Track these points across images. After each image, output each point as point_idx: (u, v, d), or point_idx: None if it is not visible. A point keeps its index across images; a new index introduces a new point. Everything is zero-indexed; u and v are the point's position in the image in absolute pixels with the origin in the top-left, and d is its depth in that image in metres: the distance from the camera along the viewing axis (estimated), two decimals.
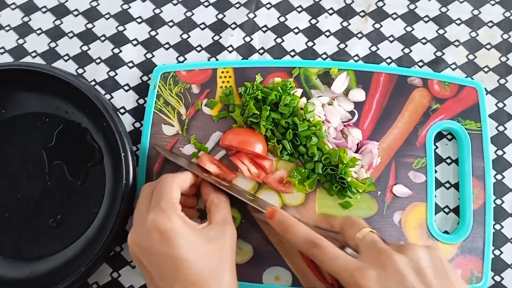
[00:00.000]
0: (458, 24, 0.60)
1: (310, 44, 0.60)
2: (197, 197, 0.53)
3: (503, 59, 0.59)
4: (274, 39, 0.60)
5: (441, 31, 0.60)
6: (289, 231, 0.45)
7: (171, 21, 0.61)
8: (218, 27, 0.61)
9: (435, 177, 0.55)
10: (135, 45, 0.60)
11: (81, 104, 0.55)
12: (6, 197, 0.55)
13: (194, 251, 0.41)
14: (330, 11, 0.61)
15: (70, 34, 0.61)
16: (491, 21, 0.61)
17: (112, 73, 0.59)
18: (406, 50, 0.60)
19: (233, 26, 0.61)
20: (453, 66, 0.59)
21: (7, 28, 0.61)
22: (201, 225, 0.45)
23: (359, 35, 0.60)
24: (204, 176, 0.49)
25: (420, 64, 0.59)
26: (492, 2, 0.61)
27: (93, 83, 0.59)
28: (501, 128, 0.57)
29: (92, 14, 0.61)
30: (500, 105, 0.58)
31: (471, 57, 0.59)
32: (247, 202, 0.49)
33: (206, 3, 0.62)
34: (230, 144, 0.53)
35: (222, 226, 0.45)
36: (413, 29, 0.60)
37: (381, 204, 0.53)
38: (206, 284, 0.41)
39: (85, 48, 0.60)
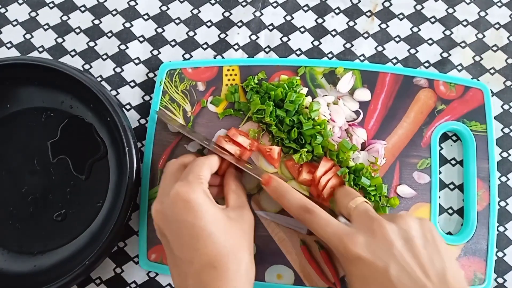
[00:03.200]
0: (465, 26, 0.60)
1: (316, 43, 0.60)
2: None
3: (510, 61, 0.59)
4: (280, 38, 0.60)
5: (447, 32, 0.60)
6: (284, 197, 0.46)
7: (178, 18, 0.61)
8: (225, 25, 0.61)
9: (440, 178, 0.55)
10: (141, 42, 0.60)
11: (86, 99, 0.55)
12: (11, 192, 0.55)
13: (216, 224, 0.42)
14: (337, 11, 0.61)
15: (77, 30, 0.61)
16: (498, 23, 0.60)
17: (118, 69, 0.60)
18: (412, 51, 0.60)
19: (240, 24, 0.61)
20: (459, 67, 0.59)
21: (15, 23, 0.61)
22: (221, 206, 0.45)
23: (365, 35, 0.60)
24: (221, 155, 0.50)
25: (426, 64, 0.59)
26: (499, 4, 0.61)
27: (99, 79, 0.59)
28: (506, 130, 0.57)
29: (99, 10, 0.62)
30: (506, 107, 0.57)
31: (477, 58, 0.59)
32: (245, 170, 0.50)
33: (212, 1, 0.62)
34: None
35: (240, 210, 0.47)
36: (419, 29, 0.60)
37: None
38: (225, 260, 0.41)
39: (91, 44, 0.60)
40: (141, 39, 0.61)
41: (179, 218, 0.42)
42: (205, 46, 0.60)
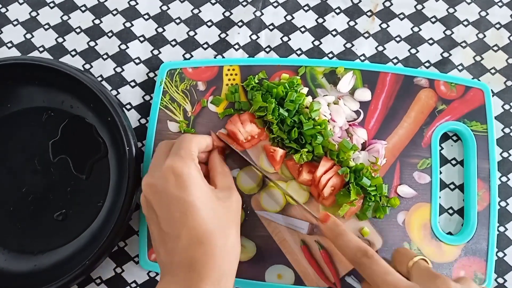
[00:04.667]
0: (466, 25, 0.60)
1: (316, 43, 0.60)
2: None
3: (510, 61, 0.59)
4: (281, 38, 0.60)
5: (448, 32, 0.60)
6: (341, 238, 0.45)
7: (178, 18, 0.61)
8: (225, 24, 0.61)
9: (440, 178, 0.54)
10: (142, 42, 0.60)
11: (86, 99, 0.55)
12: (11, 191, 0.55)
13: (205, 201, 0.42)
14: (337, 11, 0.61)
15: (78, 30, 0.61)
16: (498, 23, 0.60)
17: (118, 69, 0.60)
18: (413, 51, 0.60)
19: (240, 24, 0.61)
20: (460, 67, 0.59)
21: (15, 22, 0.61)
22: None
23: (366, 35, 0.60)
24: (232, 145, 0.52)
25: (427, 64, 0.59)
26: (500, 4, 0.61)
27: (99, 78, 0.59)
28: (507, 130, 0.57)
29: (99, 10, 0.62)
30: (507, 107, 0.57)
31: (478, 58, 0.59)
32: (299, 204, 0.51)
33: (213, 1, 0.62)
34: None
35: (228, 190, 0.47)
36: (420, 29, 0.60)
37: None
38: (212, 236, 0.41)
39: (92, 43, 0.60)
40: (141, 39, 0.61)
41: (169, 192, 0.42)
42: (205, 46, 0.60)
